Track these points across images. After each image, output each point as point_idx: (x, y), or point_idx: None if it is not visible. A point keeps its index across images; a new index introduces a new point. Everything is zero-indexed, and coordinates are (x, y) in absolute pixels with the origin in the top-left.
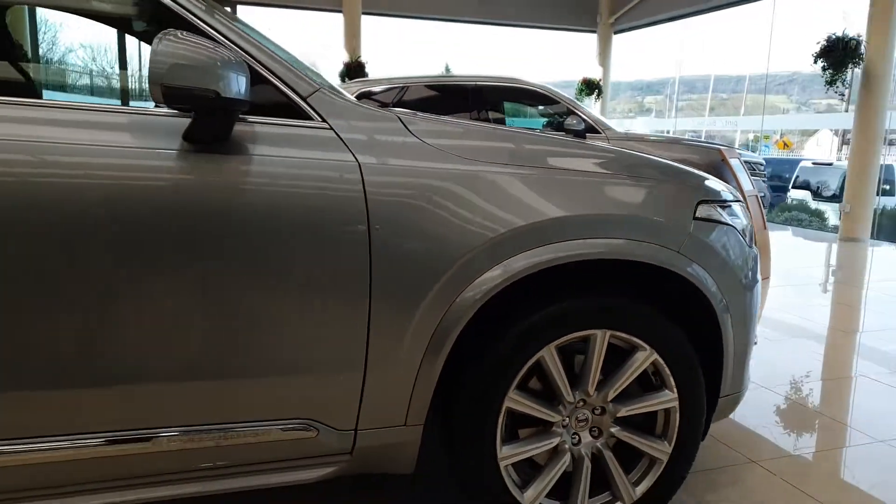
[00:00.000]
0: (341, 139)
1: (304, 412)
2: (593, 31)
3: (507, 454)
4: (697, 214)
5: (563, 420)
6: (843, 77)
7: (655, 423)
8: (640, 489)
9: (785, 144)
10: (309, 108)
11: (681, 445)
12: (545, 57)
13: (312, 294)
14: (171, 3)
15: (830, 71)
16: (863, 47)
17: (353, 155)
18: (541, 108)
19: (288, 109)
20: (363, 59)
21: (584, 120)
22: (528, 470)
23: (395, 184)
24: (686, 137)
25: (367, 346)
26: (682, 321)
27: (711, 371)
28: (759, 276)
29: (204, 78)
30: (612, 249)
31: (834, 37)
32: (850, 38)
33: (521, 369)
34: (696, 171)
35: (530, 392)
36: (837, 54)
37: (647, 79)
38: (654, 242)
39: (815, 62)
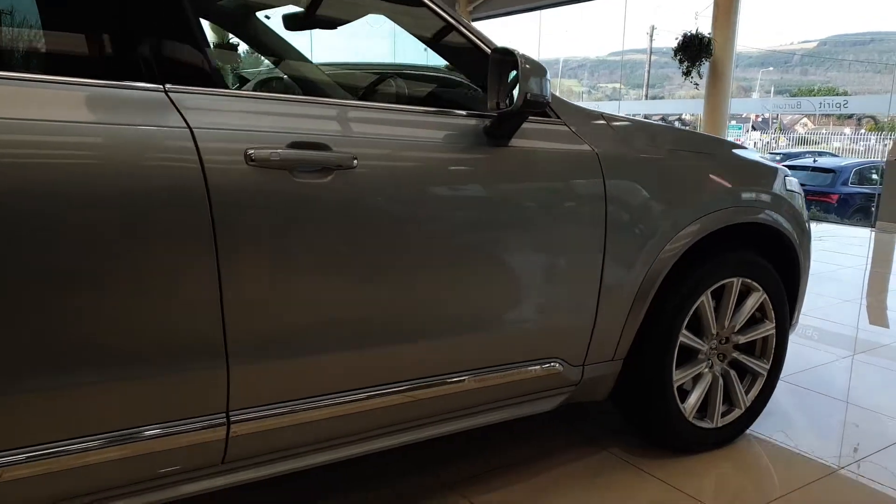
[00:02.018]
0: (575, 133)
1: (555, 353)
2: None
3: (677, 378)
4: (787, 187)
5: (708, 349)
6: (699, 69)
7: (756, 347)
8: (749, 397)
9: None
10: (549, 109)
11: (776, 362)
12: None
13: (568, 257)
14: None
15: (687, 63)
16: (712, 44)
17: (591, 147)
18: None
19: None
20: None
21: None
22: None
23: (621, 167)
24: None
25: (598, 298)
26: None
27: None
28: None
29: (545, 88)
30: (759, 217)
31: (689, 34)
32: (703, 36)
33: (690, 310)
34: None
35: (689, 328)
36: (693, 49)
37: None
38: (776, 210)
39: (675, 56)
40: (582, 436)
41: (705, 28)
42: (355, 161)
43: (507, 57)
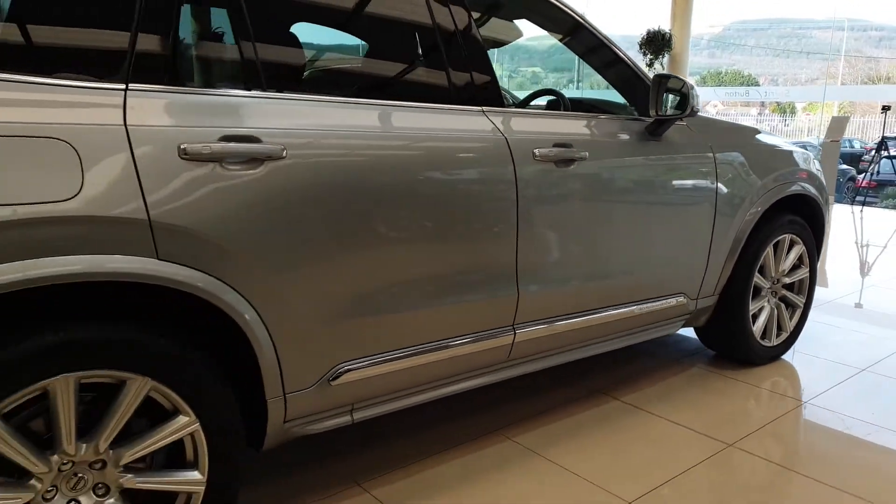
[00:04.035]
0: (690, 129)
1: (682, 289)
2: None
3: (752, 308)
4: (815, 166)
5: (768, 287)
6: (661, 61)
7: (795, 286)
8: (791, 324)
9: None
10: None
11: (808, 298)
12: None
13: (695, 216)
14: (624, 57)
15: (651, 56)
16: (673, 39)
17: (704, 138)
18: None
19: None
20: None
21: None
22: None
23: (724, 153)
24: None
25: (710, 248)
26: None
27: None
28: None
29: (699, 102)
30: (803, 189)
31: (653, 30)
32: (665, 32)
33: (760, 258)
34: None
35: (758, 271)
36: (657, 44)
37: None
38: (811, 184)
39: (640, 49)
40: (588, 389)
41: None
42: (586, 154)
43: (664, 79)
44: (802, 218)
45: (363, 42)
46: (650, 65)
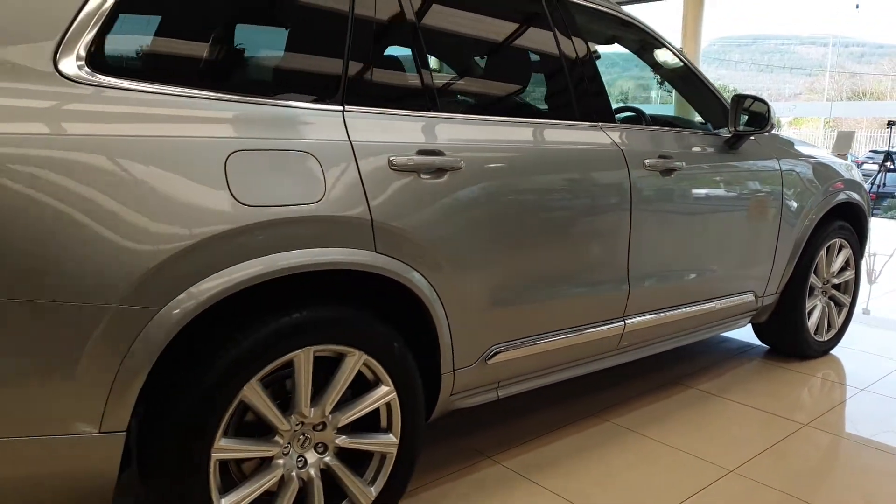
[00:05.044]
0: (757, 142)
1: (751, 287)
2: None
3: (807, 306)
4: (857, 176)
5: (821, 286)
6: None
7: (842, 287)
8: (839, 321)
9: None
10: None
11: (853, 297)
12: None
13: (765, 221)
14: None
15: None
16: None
17: (770, 151)
18: None
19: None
20: None
21: None
22: None
23: (788, 165)
24: None
25: (775, 250)
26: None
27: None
28: None
29: (775, 118)
30: (850, 198)
31: None
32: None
33: (816, 260)
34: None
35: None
36: None
37: None
38: (856, 192)
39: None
40: (666, 379)
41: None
42: (683, 164)
43: (742, 99)
44: (849, 224)
45: (511, 70)
46: (661, 83)
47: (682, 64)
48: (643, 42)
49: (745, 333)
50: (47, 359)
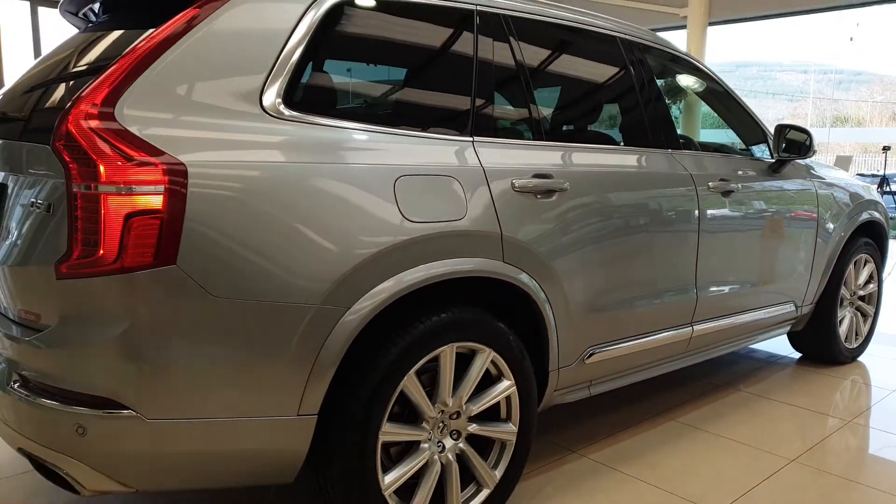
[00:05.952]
0: (797, 168)
1: (792, 297)
2: None
3: (839, 315)
4: (875, 195)
5: (849, 298)
6: (679, 104)
7: (866, 298)
8: (865, 329)
9: None
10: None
11: (876, 308)
12: None
13: (804, 236)
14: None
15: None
16: None
17: (812, 179)
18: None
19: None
20: None
21: None
22: None
23: (823, 185)
24: None
25: (812, 263)
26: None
27: None
28: None
29: (815, 145)
30: (873, 216)
31: None
32: None
33: (845, 274)
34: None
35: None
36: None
37: None
38: (877, 210)
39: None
40: (714, 385)
41: None
42: (739, 186)
43: (785, 128)
44: (872, 240)
45: (600, 105)
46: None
47: (732, 98)
48: (700, 77)
49: (769, 345)
50: (267, 351)
